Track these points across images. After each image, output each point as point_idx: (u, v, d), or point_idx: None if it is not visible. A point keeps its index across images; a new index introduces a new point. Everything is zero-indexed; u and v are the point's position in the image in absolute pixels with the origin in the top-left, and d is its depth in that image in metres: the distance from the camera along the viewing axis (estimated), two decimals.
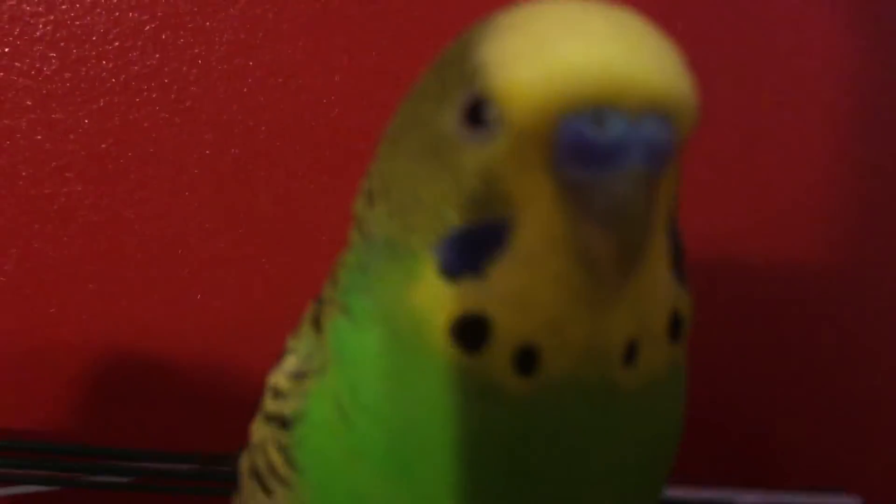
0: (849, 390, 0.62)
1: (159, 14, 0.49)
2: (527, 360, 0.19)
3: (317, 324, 0.25)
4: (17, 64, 0.49)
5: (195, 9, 0.50)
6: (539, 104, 0.18)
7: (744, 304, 0.60)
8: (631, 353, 0.20)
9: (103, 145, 0.50)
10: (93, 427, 0.51)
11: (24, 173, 0.50)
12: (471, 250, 0.19)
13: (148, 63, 0.50)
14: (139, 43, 0.50)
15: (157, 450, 0.48)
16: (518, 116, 0.18)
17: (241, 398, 0.35)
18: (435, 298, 0.20)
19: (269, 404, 0.25)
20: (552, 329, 0.19)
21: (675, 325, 0.21)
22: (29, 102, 0.50)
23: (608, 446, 0.21)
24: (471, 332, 0.19)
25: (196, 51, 0.50)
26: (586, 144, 0.17)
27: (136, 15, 0.49)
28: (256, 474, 0.26)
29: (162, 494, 0.48)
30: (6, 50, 0.48)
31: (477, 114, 0.19)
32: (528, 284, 0.19)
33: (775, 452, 0.66)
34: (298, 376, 0.24)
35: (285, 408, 0.24)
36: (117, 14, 0.49)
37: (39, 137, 0.50)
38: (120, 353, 0.52)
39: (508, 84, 0.18)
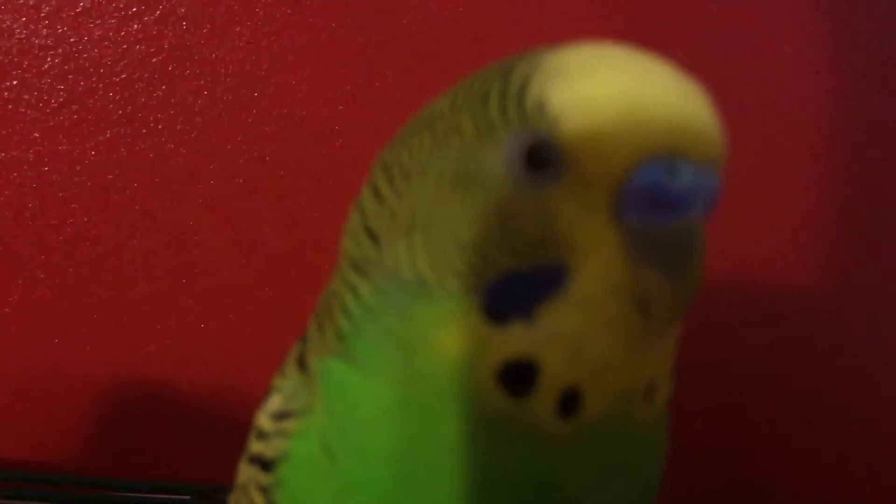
0: (858, 414, 0.62)
1: (166, 46, 0.51)
2: (570, 402, 0.19)
3: (301, 364, 0.24)
4: (25, 96, 0.50)
5: (201, 41, 0.51)
6: (616, 151, 0.18)
7: (749, 329, 0.60)
8: (650, 391, 0.20)
9: (110, 176, 0.51)
10: (94, 457, 0.52)
11: (30, 204, 0.51)
12: (522, 293, 0.19)
13: (154, 95, 0.51)
14: (146, 75, 0.51)
15: (156, 480, 0.48)
16: (591, 162, 0.18)
17: (244, 429, 0.35)
18: (479, 342, 0.19)
19: (253, 444, 0.25)
20: (599, 372, 0.19)
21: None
22: (36, 134, 0.51)
23: (623, 478, 0.22)
24: (518, 376, 0.19)
25: (202, 82, 0.51)
26: (661, 192, 0.18)
27: (143, 48, 0.50)
28: None
29: None
30: (14, 83, 0.50)
31: (537, 157, 0.19)
32: (583, 328, 0.19)
33: (781, 476, 0.66)
34: (282, 416, 0.24)
35: (267, 449, 0.24)
36: (125, 47, 0.50)
37: (46, 169, 0.51)
38: (124, 383, 0.52)
39: (583, 130, 0.18)
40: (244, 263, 0.51)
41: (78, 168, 0.51)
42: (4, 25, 0.49)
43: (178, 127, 0.51)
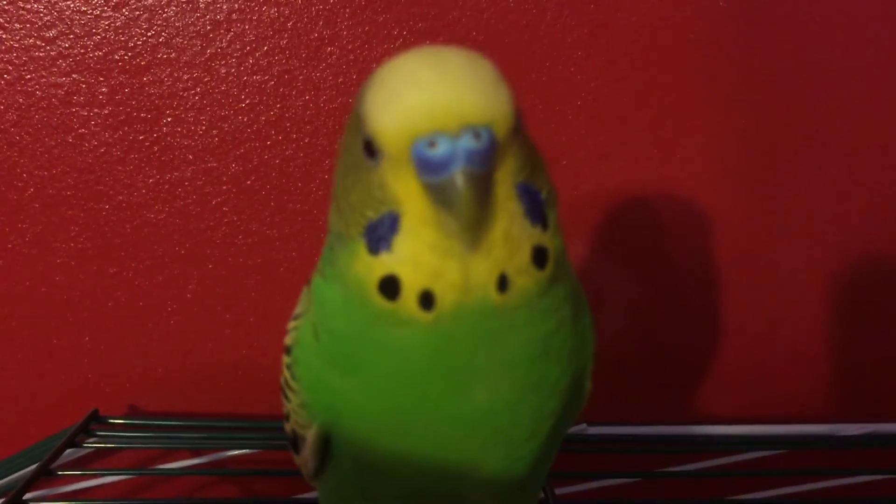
0: None
1: (276, 73, 0.61)
2: (427, 300, 0.27)
3: (308, 283, 0.34)
4: (177, 129, 0.62)
5: (302, 64, 0.61)
6: (396, 139, 0.26)
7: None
8: (503, 283, 0.28)
9: (248, 182, 0.63)
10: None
11: (193, 211, 0.63)
12: (381, 234, 0.28)
13: (272, 113, 0.62)
14: (264, 98, 0.61)
15: None
16: (387, 147, 0.27)
17: None
18: (367, 268, 0.28)
19: (285, 339, 0.35)
20: (436, 277, 0.27)
21: (539, 257, 0.28)
22: (190, 156, 0.62)
23: (498, 346, 0.29)
24: (389, 287, 0.28)
25: (307, 97, 0.61)
26: (427, 161, 0.26)
27: (258, 77, 0.61)
28: (281, 390, 0.36)
29: None
30: (169, 119, 0.61)
31: (369, 147, 0.28)
32: (417, 252, 0.27)
33: (877, 385, 0.69)
34: (297, 317, 0.34)
35: (288, 339, 0.35)
36: (245, 78, 0.61)
37: (200, 182, 0.63)
38: None
39: (376, 129, 0.27)
40: None
41: (224, 178, 0.63)
42: (155, 77, 0.60)
43: (294, 136, 0.62)
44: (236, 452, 0.60)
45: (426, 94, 0.26)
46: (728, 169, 0.64)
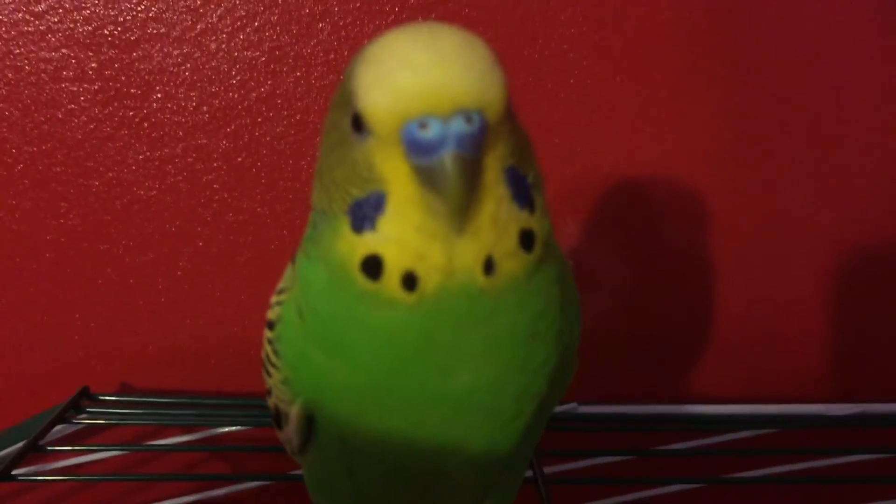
0: None
1: (267, 48, 0.60)
2: (410, 281, 0.27)
3: (293, 260, 0.34)
4: (168, 105, 0.61)
5: (293, 40, 0.60)
6: (387, 119, 0.26)
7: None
8: (489, 266, 0.27)
9: (238, 159, 0.63)
10: None
11: (184, 188, 0.63)
12: (366, 213, 0.28)
13: (262, 90, 0.61)
14: (254, 74, 0.61)
15: None
16: (377, 127, 0.26)
17: None
18: (350, 247, 0.28)
19: (268, 314, 0.35)
20: (420, 259, 0.27)
21: (526, 241, 0.28)
22: (180, 133, 0.62)
23: (484, 328, 0.29)
24: (371, 266, 0.28)
25: (298, 74, 0.61)
26: (417, 143, 0.26)
27: (249, 53, 0.61)
28: (262, 364, 0.36)
29: None
30: (158, 95, 0.61)
31: (357, 124, 0.27)
32: (402, 232, 0.27)
33: (868, 365, 0.69)
34: (280, 292, 0.34)
35: (271, 314, 0.34)
36: (235, 54, 0.61)
37: (190, 160, 0.62)
38: None
39: (367, 107, 0.26)
40: None
41: (215, 156, 0.62)
42: (145, 52, 0.60)
43: (285, 112, 0.61)
44: (227, 429, 0.60)
45: (419, 76, 0.26)
46: (720, 147, 0.64)
